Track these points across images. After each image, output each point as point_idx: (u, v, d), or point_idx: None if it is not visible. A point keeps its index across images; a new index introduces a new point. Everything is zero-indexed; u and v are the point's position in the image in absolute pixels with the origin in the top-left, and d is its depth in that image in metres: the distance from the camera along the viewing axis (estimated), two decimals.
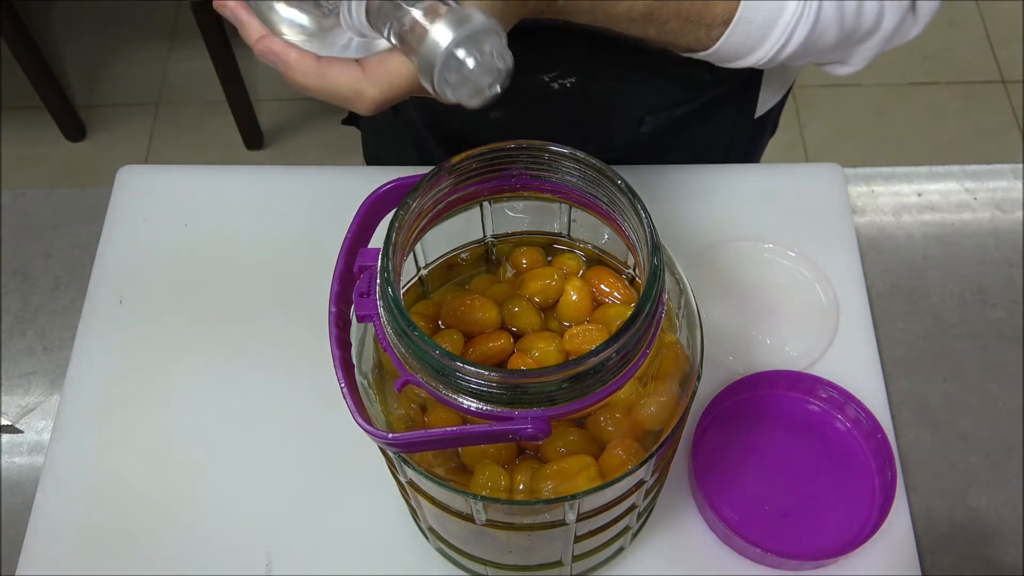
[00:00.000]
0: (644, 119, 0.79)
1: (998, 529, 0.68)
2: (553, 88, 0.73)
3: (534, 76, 0.72)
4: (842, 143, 1.52)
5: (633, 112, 0.79)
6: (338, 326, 0.47)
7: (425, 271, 0.56)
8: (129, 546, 0.68)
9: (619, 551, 0.65)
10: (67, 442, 0.72)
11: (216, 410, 0.73)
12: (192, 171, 0.85)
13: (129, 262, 0.80)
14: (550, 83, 0.72)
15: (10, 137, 1.94)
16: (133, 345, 0.76)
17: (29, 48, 1.77)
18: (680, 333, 0.50)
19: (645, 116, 0.79)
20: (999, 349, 0.76)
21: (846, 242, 0.79)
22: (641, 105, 0.78)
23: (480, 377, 0.41)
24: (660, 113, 0.79)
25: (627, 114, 0.79)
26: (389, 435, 0.44)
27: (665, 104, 0.79)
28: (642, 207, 0.46)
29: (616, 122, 0.79)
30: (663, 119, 0.80)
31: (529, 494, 0.48)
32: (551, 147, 0.48)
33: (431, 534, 0.63)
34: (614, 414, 0.49)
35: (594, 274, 0.55)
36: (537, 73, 0.72)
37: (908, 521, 0.68)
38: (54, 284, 0.80)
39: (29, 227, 0.83)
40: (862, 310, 0.76)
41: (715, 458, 0.69)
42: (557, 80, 0.72)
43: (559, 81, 0.72)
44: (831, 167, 0.84)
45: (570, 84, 0.72)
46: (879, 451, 0.68)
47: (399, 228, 0.46)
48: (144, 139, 1.96)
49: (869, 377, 0.73)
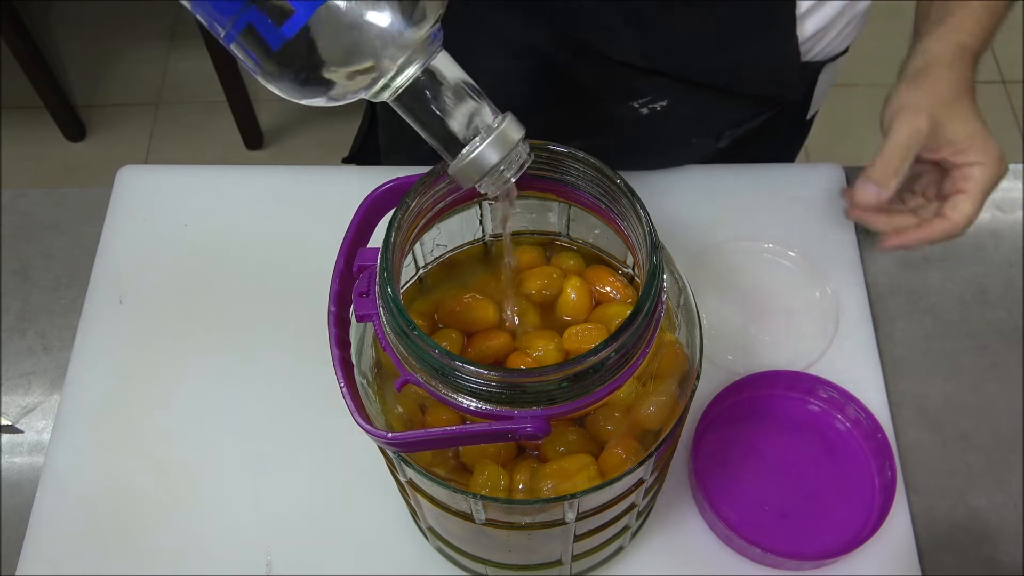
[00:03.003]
0: (723, 134, 0.80)
1: (998, 529, 0.68)
2: (642, 113, 0.74)
3: (626, 104, 0.74)
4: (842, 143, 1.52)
5: (714, 129, 0.80)
6: (337, 326, 0.47)
7: (424, 270, 0.56)
8: (129, 546, 0.68)
9: (619, 550, 0.65)
10: (67, 442, 0.72)
11: (216, 410, 0.73)
12: (192, 171, 0.85)
13: (129, 262, 0.80)
14: (639, 108, 0.74)
15: (10, 137, 1.93)
16: (133, 345, 0.76)
17: (29, 48, 1.77)
18: (679, 332, 0.50)
19: (725, 131, 0.80)
20: (999, 349, 0.75)
21: (846, 242, 0.79)
22: (723, 122, 0.79)
23: (479, 376, 0.41)
24: (738, 127, 0.80)
25: (708, 131, 0.80)
26: (388, 435, 0.44)
27: (743, 119, 0.80)
28: (641, 206, 0.46)
29: (696, 139, 0.81)
30: (739, 132, 0.81)
31: (529, 493, 0.48)
32: (550, 146, 0.48)
33: (431, 534, 0.63)
34: (613, 413, 0.49)
35: (593, 273, 0.55)
36: (629, 101, 0.73)
37: (908, 521, 0.68)
38: (54, 284, 0.80)
39: (29, 227, 0.83)
40: (862, 310, 0.76)
41: (715, 458, 0.69)
42: (647, 105, 0.73)
43: (649, 106, 0.73)
44: (831, 167, 0.84)
45: (660, 108, 0.74)
46: (879, 451, 0.68)
47: (398, 228, 0.46)
48: (144, 139, 1.96)
49: (869, 377, 0.73)
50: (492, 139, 0.42)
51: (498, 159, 0.43)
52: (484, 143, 0.42)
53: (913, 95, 0.67)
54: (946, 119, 0.65)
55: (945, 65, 0.66)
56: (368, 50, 0.39)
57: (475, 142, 0.42)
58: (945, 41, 0.67)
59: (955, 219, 0.66)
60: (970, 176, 0.66)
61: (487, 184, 0.44)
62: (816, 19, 0.69)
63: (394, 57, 0.40)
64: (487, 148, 0.42)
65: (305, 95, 0.40)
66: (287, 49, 0.38)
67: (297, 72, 0.39)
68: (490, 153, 0.42)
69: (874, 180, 0.67)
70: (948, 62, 0.66)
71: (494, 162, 0.43)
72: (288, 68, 0.39)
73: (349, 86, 0.40)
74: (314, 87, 0.40)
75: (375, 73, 0.40)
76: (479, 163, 0.43)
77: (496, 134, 0.42)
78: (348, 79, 0.40)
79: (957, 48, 0.67)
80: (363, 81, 0.40)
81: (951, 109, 0.66)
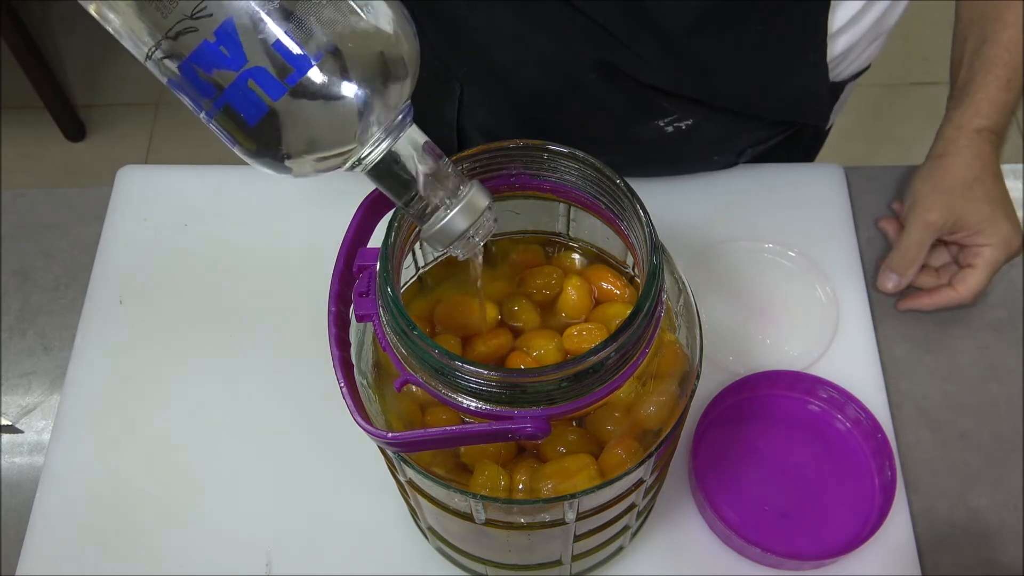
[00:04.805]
0: (745, 151, 0.81)
1: (998, 529, 0.68)
2: (667, 132, 0.75)
3: (652, 123, 0.75)
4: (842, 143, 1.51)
5: (737, 147, 0.81)
6: (337, 326, 0.47)
7: (424, 270, 0.56)
8: (129, 546, 0.68)
9: (619, 550, 0.65)
10: (67, 442, 0.72)
11: (216, 410, 0.73)
12: (192, 171, 0.85)
13: (129, 262, 0.80)
14: (665, 127, 0.75)
15: (10, 137, 1.93)
16: (133, 345, 0.76)
17: (29, 48, 1.77)
18: (679, 332, 0.50)
19: (747, 149, 0.81)
20: (999, 349, 0.75)
21: (846, 242, 0.79)
22: (746, 139, 0.80)
23: (479, 376, 0.41)
24: (759, 145, 0.81)
25: (731, 149, 0.81)
26: (388, 434, 0.44)
27: (766, 138, 0.81)
28: (641, 206, 0.46)
29: (719, 156, 0.81)
30: (760, 149, 0.82)
31: (528, 493, 0.48)
32: (550, 146, 0.48)
33: (431, 533, 0.63)
34: (613, 413, 0.49)
35: (594, 272, 0.55)
36: (655, 120, 0.74)
37: (908, 521, 0.68)
38: (54, 284, 0.80)
39: (29, 227, 0.83)
40: (862, 310, 0.76)
41: (715, 458, 0.69)
42: (673, 124, 0.75)
43: (675, 125, 0.75)
44: (831, 167, 0.84)
45: (685, 127, 0.75)
46: (879, 451, 0.68)
47: (398, 228, 0.46)
48: (144, 139, 1.96)
49: (869, 377, 0.73)
50: (460, 207, 0.44)
51: (466, 226, 0.44)
52: (453, 211, 0.44)
53: (927, 186, 0.73)
54: (959, 206, 0.71)
55: (964, 149, 0.72)
56: (341, 137, 0.40)
57: (444, 210, 0.44)
58: (961, 128, 0.72)
59: (962, 292, 0.73)
60: (980, 255, 0.72)
61: (457, 247, 0.45)
62: (848, 36, 0.70)
63: (366, 141, 0.41)
64: (456, 216, 0.44)
65: (281, 171, 0.42)
66: (259, 133, 0.39)
67: (273, 154, 0.40)
68: (459, 221, 0.44)
69: (894, 270, 0.75)
70: (966, 146, 0.72)
71: (462, 229, 0.44)
72: (265, 149, 0.40)
73: (319, 166, 0.41)
74: (282, 169, 0.41)
75: (347, 156, 0.41)
76: (448, 230, 0.44)
77: (464, 203, 0.44)
78: (317, 162, 0.41)
79: (973, 133, 0.71)
80: (334, 163, 0.41)
81: (965, 196, 0.71)
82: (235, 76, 0.37)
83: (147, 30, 0.38)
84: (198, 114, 0.40)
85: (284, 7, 0.38)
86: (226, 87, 0.38)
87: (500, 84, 0.74)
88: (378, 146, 0.42)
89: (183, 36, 0.38)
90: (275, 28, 0.37)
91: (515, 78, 0.72)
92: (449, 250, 0.45)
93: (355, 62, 0.39)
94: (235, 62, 0.37)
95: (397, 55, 0.40)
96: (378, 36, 0.40)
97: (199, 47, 0.37)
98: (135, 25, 0.39)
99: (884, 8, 0.70)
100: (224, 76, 0.38)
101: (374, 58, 0.40)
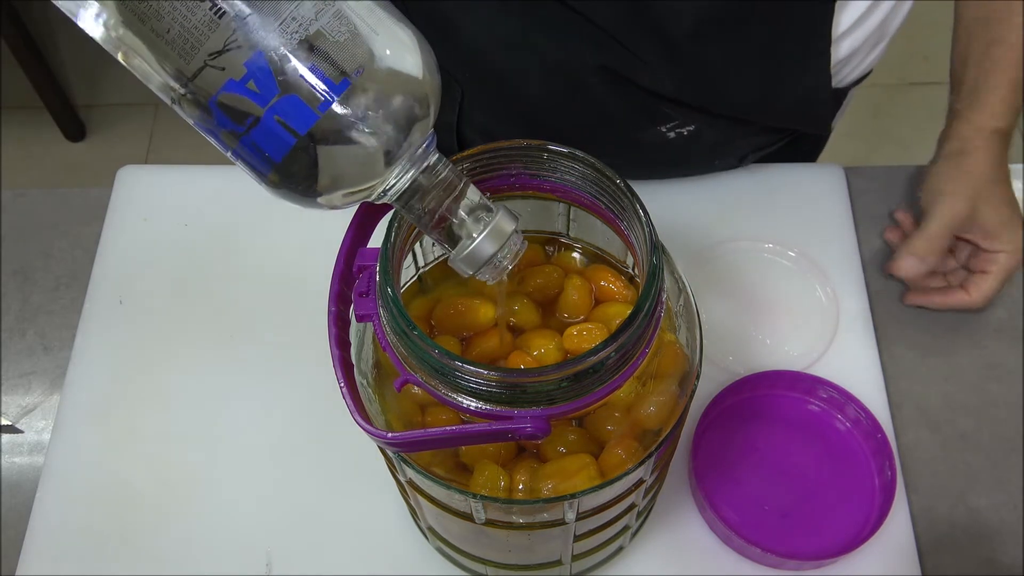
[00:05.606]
0: (747, 156, 0.81)
1: (998, 529, 0.68)
2: (669, 137, 0.75)
3: (654, 128, 0.75)
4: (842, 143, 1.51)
5: (739, 152, 0.81)
6: (337, 326, 0.47)
7: (424, 270, 0.56)
8: (129, 546, 0.68)
9: (619, 550, 0.65)
10: (67, 442, 0.72)
11: (216, 410, 0.73)
12: (192, 171, 0.85)
13: (129, 262, 0.80)
14: (667, 132, 0.75)
15: (10, 137, 1.93)
16: (133, 345, 0.76)
17: (29, 48, 1.77)
18: (679, 332, 0.50)
19: (749, 154, 0.81)
20: (999, 349, 0.75)
21: (846, 242, 0.79)
22: (747, 145, 0.80)
23: (479, 376, 0.41)
24: (761, 150, 0.81)
25: (732, 154, 0.81)
26: (388, 434, 0.44)
27: (768, 143, 0.81)
28: (641, 206, 0.46)
29: (720, 160, 0.82)
30: (761, 154, 0.82)
31: (528, 493, 0.48)
32: (550, 146, 0.48)
33: (431, 534, 0.63)
34: (613, 413, 0.49)
35: (594, 272, 0.55)
36: (657, 125, 0.75)
37: (908, 521, 0.68)
38: (54, 284, 0.80)
39: (29, 227, 0.83)
40: (862, 310, 0.76)
41: (715, 458, 0.69)
42: (675, 129, 0.75)
43: (677, 130, 0.75)
44: (831, 167, 0.84)
45: (688, 132, 0.75)
46: (879, 451, 0.68)
47: (398, 228, 0.46)
48: (144, 139, 1.96)
49: (869, 377, 0.73)
50: (487, 233, 0.44)
51: (493, 251, 0.44)
52: (480, 236, 0.44)
53: (953, 178, 0.72)
54: (982, 204, 0.71)
55: (981, 149, 0.71)
56: (365, 174, 0.41)
57: (472, 236, 0.44)
58: (980, 128, 0.72)
59: (975, 296, 0.73)
60: (995, 261, 0.72)
61: (484, 272, 0.45)
62: (851, 40, 0.70)
63: (391, 173, 0.41)
64: (483, 242, 0.44)
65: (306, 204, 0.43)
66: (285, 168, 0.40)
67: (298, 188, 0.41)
68: (486, 246, 0.44)
69: (916, 255, 0.73)
70: (984, 147, 0.71)
71: (490, 254, 0.44)
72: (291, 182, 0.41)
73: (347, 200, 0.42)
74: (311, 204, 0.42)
75: (372, 189, 0.42)
76: (476, 256, 0.44)
77: (491, 228, 0.44)
78: (345, 197, 0.42)
79: (990, 134, 0.71)
80: (361, 196, 0.42)
81: (986, 195, 0.71)
82: (262, 112, 0.38)
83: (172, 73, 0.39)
84: (225, 152, 0.41)
85: (308, 43, 0.38)
86: (252, 124, 0.38)
87: (501, 88, 0.74)
88: (403, 176, 0.42)
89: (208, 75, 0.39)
90: (299, 65, 0.38)
91: (516, 82, 0.72)
92: (477, 274, 0.45)
93: (381, 99, 0.39)
94: (263, 98, 0.38)
95: (422, 92, 0.41)
96: (403, 72, 0.40)
97: (226, 84, 0.38)
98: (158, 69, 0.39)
99: (888, 10, 0.70)
100: (250, 109, 0.38)
101: (400, 95, 0.40)
